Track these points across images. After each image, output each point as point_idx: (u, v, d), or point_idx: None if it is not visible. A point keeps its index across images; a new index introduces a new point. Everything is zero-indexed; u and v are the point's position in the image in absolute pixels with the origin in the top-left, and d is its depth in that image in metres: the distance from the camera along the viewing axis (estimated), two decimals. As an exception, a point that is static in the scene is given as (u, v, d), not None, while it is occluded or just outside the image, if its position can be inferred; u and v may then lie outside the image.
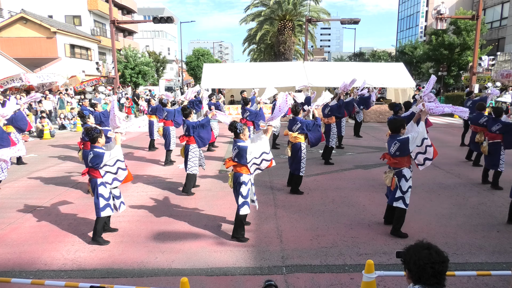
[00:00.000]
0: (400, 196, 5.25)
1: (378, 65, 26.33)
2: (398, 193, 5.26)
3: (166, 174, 9.08)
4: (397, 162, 5.27)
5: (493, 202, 6.72)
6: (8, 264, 4.65)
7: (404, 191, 5.24)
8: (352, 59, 50.56)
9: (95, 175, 5.08)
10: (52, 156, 11.38)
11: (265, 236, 5.41)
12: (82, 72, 29.08)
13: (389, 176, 5.35)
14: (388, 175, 5.37)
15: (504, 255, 4.81)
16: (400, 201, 5.26)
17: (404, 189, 5.23)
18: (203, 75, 21.41)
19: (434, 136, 14.64)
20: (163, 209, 6.58)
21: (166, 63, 46.24)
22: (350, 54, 55.18)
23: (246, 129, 5.29)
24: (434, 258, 2.05)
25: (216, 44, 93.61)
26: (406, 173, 5.24)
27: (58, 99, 19.40)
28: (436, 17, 21.39)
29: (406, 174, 5.24)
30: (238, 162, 5.09)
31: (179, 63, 54.11)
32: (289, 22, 32.14)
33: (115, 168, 5.08)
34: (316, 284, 4.16)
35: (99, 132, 5.17)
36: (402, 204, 5.25)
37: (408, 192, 5.24)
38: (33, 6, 31.80)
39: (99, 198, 5.06)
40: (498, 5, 33.85)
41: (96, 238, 5.18)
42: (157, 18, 21.18)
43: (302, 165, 7.28)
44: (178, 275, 4.29)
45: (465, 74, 28.34)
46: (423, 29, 49.76)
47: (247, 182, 5.13)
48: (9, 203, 6.98)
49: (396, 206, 5.29)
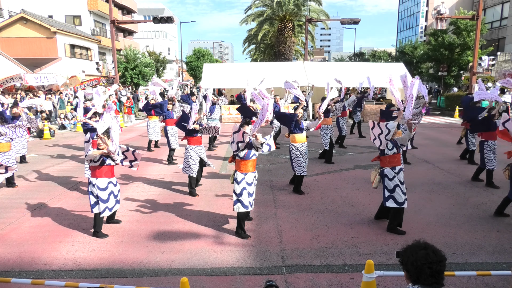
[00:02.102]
0: (389, 195, 5.36)
1: (378, 65, 26.31)
2: (386, 193, 5.39)
3: (166, 174, 9.08)
4: (380, 160, 5.51)
5: (493, 202, 6.71)
6: (8, 264, 4.65)
7: (390, 189, 5.35)
8: (352, 59, 50.52)
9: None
10: (52, 156, 11.38)
11: (265, 236, 5.41)
12: (82, 72, 29.09)
13: (373, 174, 5.63)
14: (373, 172, 5.64)
15: (504, 255, 4.80)
16: (391, 200, 5.34)
17: (389, 188, 5.35)
18: (203, 75, 21.40)
19: (434, 136, 14.66)
20: (163, 209, 6.58)
21: (166, 63, 46.20)
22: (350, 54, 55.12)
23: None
24: (431, 258, 2.05)
25: (216, 44, 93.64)
26: (387, 173, 5.40)
27: (58, 99, 19.40)
28: (436, 17, 21.39)
29: (388, 174, 5.39)
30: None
31: (179, 63, 54.12)
32: (289, 22, 32.14)
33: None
34: (316, 284, 4.16)
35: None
36: (393, 203, 5.32)
37: (396, 190, 5.31)
38: (33, 6, 31.80)
39: (89, 196, 5.35)
40: (498, 5, 33.84)
41: (95, 230, 5.44)
42: (157, 18, 21.19)
43: (294, 165, 7.36)
44: (178, 275, 4.29)
45: (465, 74, 28.31)
46: (423, 29, 49.76)
47: (239, 180, 5.18)
48: (9, 203, 6.98)
49: (388, 206, 5.37)
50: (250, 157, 5.23)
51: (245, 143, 5.11)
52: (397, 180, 5.35)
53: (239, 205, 5.19)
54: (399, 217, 5.43)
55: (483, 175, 8.06)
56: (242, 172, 5.23)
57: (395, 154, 5.42)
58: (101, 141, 5.24)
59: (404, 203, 5.32)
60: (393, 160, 5.41)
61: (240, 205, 5.18)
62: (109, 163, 5.35)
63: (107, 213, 5.40)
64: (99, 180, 5.30)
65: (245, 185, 5.20)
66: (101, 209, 5.29)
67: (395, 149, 5.41)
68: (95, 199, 5.29)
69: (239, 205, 5.19)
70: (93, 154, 5.18)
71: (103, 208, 5.30)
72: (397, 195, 5.30)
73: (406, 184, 5.78)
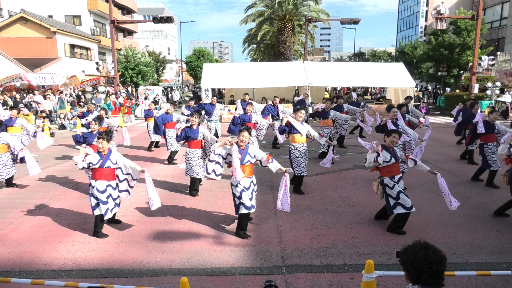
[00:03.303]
0: (395, 202, 5.33)
1: (378, 65, 26.32)
2: (391, 201, 5.36)
3: (166, 174, 9.08)
4: (379, 170, 5.55)
5: (493, 202, 6.71)
6: (8, 264, 4.65)
7: (394, 197, 5.33)
8: (352, 59, 50.53)
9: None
10: (52, 156, 11.38)
11: (265, 236, 5.41)
12: (82, 72, 29.07)
13: (375, 184, 5.64)
14: (375, 183, 5.65)
15: (504, 255, 4.80)
16: (399, 207, 5.31)
17: (393, 195, 5.34)
18: (203, 75, 21.41)
19: (433, 136, 14.64)
20: (163, 209, 6.58)
21: (166, 63, 46.19)
22: (350, 54, 55.14)
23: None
24: (431, 258, 2.04)
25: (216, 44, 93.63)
26: (387, 183, 5.42)
27: (58, 99, 19.40)
28: (436, 17, 21.39)
29: (388, 183, 5.41)
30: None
31: (179, 63, 54.09)
32: (289, 22, 32.14)
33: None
34: (316, 284, 4.16)
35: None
36: (402, 209, 5.29)
37: (400, 197, 5.30)
38: (33, 6, 31.79)
39: (90, 198, 5.35)
40: (498, 5, 33.84)
41: (95, 231, 5.44)
42: (157, 18, 21.20)
43: (294, 166, 7.36)
44: (178, 275, 4.29)
45: (465, 74, 28.32)
46: (423, 29, 49.75)
47: (235, 184, 5.20)
48: (9, 203, 6.98)
49: (397, 213, 5.34)
50: (244, 163, 5.22)
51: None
52: (398, 187, 5.35)
53: (242, 207, 5.17)
54: (403, 219, 5.41)
55: (483, 176, 8.06)
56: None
57: (393, 164, 5.44)
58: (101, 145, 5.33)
59: (412, 207, 5.29)
60: (391, 169, 5.44)
61: (243, 207, 5.17)
62: (108, 165, 5.36)
63: (109, 215, 5.41)
64: (98, 183, 5.32)
65: (242, 187, 5.20)
66: (103, 211, 5.29)
67: (393, 159, 5.42)
68: (95, 201, 5.31)
69: (242, 207, 5.17)
70: (78, 158, 5.28)
71: (104, 210, 5.30)
72: (403, 201, 5.27)
73: (406, 184, 5.79)
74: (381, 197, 5.58)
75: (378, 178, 5.61)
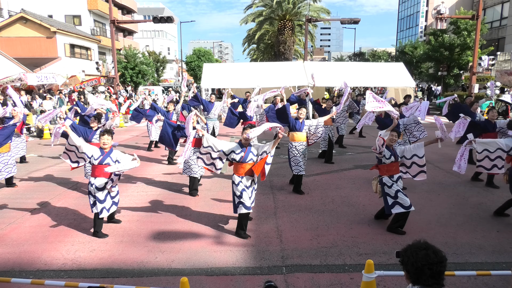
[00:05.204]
0: (393, 202, 5.33)
1: (378, 65, 26.34)
2: (389, 200, 5.36)
3: (166, 174, 9.08)
4: (378, 169, 5.57)
5: (493, 202, 6.71)
6: (8, 264, 4.65)
7: (393, 196, 5.34)
8: (352, 59, 50.54)
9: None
10: (52, 156, 11.37)
11: (265, 236, 5.41)
12: (82, 72, 29.08)
13: (374, 183, 5.68)
14: (374, 181, 5.69)
15: (504, 255, 4.81)
16: (397, 206, 5.31)
17: (392, 194, 5.35)
18: (203, 75, 21.43)
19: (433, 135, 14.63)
20: (163, 209, 6.59)
21: (166, 63, 46.23)
22: (350, 54, 55.16)
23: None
24: (432, 259, 2.03)
25: (216, 44, 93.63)
26: (386, 181, 5.43)
27: (58, 99, 19.40)
28: (436, 17, 21.39)
29: (387, 182, 5.42)
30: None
31: (179, 63, 54.10)
32: (289, 22, 32.14)
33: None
34: (316, 284, 4.16)
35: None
36: (400, 208, 5.29)
37: (398, 196, 5.30)
38: (33, 6, 31.79)
39: (89, 196, 5.42)
40: (498, 5, 33.84)
41: (95, 230, 5.45)
42: (157, 18, 21.19)
43: (292, 164, 7.37)
44: (178, 275, 4.29)
45: (465, 74, 28.33)
46: (423, 29, 49.78)
47: (237, 183, 5.21)
48: (9, 203, 6.98)
49: (395, 213, 5.35)
50: (246, 161, 5.23)
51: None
52: (396, 187, 5.36)
53: (241, 207, 5.18)
54: (403, 219, 5.41)
55: (483, 176, 8.06)
56: (239, 175, 5.23)
57: (392, 162, 5.45)
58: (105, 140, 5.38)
59: (411, 206, 5.28)
60: (391, 168, 5.45)
61: (242, 206, 5.18)
62: (107, 163, 5.36)
63: (105, 213, 5.41)
64: (97, 180, 5.32)
65: (243, 186, 5.20)
66: (99, 209, 5.30)
67: (393, 157, 5.43)
68: (93, 199, 5.33)
69: (241, 207, 5.18)
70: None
71: (100, 209, 5.30)
72: (402, 200, 5.27)
73: (405, 184, 5.79)
74: (380, 196, 5.59)
75: (377, 177, 5.63)
